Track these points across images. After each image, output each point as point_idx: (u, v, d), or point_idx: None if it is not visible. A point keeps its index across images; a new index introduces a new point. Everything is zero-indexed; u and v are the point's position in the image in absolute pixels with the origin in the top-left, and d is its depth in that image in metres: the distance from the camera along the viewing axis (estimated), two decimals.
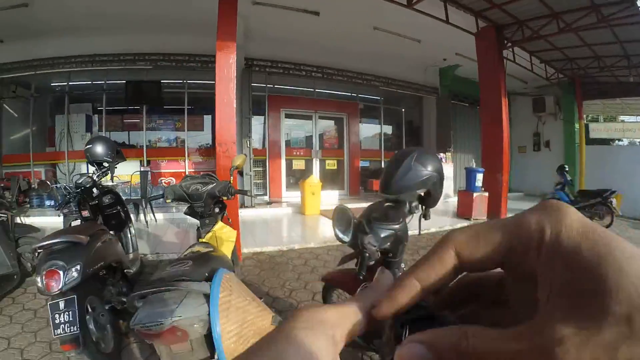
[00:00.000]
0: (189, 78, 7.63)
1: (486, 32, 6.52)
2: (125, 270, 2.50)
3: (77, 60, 7.06)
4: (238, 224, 3.82)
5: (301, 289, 3.20)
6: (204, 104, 7.47)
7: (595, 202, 6.40)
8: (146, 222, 5.78)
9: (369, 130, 9.70)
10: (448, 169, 8.59)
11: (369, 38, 7.29)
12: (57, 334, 1.63)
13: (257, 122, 8.10)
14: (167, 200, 1.94)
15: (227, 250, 1.89)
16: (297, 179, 8.36)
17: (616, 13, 5.56)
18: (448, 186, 8.70)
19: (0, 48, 6.71)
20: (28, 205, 6.33)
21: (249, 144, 7.33)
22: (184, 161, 7.59)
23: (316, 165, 8.58)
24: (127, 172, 6.54)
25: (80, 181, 2.54)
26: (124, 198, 7.22)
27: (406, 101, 10.03)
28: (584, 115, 10.61)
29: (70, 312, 1.65)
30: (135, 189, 6.69)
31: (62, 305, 1.65)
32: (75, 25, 6.42)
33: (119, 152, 2.77)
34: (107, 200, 2.82)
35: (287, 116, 8.42)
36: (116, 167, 2.86)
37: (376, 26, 6.86)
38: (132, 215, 5.64)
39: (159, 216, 5.97)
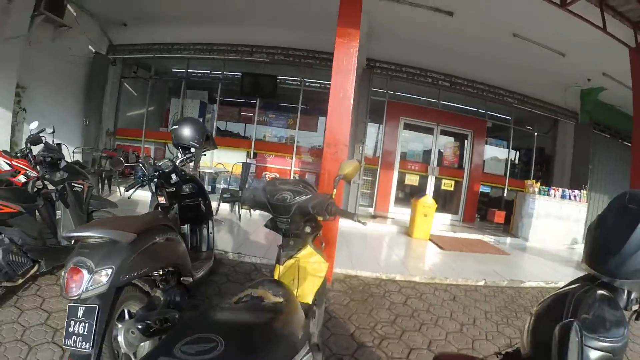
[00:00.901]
0: (305, 76, 8.07)
1: None
2: (182, 279, 2.28)
3: (195, 48, 7.90)
4: (335, 244, 3.73)
5: (395, 339, 2.79)
6: (319, 104, 7.76)
7: None
8: (239, 215, 5.96)
9: (494, 153, 9.43)
10: (581, 209, 8.07)
11: (506, 47, 7.18)
12: (67, 345, 1.43)
13: (372, 129, 8.27)
14: (244, 207, 1.66)
15: (310, 288, 1.60)
16: (407, 194, 8.29)
17: None
18: (578, 230, 8.11)
19: (124, 30, 8.00)
20: (133, 178, 6.83)
21: (362, 150, 7.43)
22: (292, 159, 7.93)
23: (431, 183, 8.49)
24: (232, 161, 7.01)
25: (160, 164, 2.47)
26: (223, 187, 7.69)
27: (539, 124, 9.71)
28: None
29: (87, 325, 1.42)
30: (237, 179, 7.21)
31: (80, 312, 1.44)
32: (195, 14, 7.28)
33: (209, 138, 2.72)
34: (186, 190, 2.77)
35: (406, 126, 8.48)
36: (204, 155, 2.87)
37: (516, 33, 6.72)
38: (228, 206, 5.93)
39: (255, 211, 6.09)
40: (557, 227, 7.86)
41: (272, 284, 1.34)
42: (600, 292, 0.97)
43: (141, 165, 2.61)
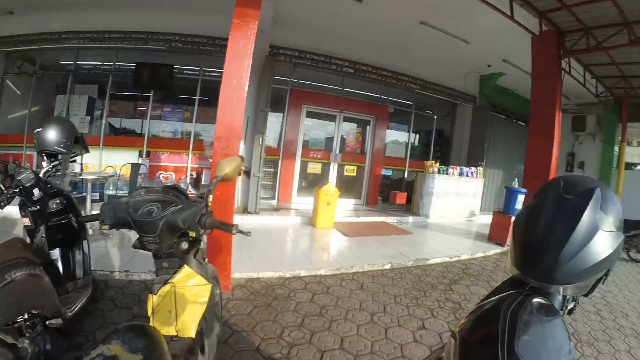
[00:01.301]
0: (205, 64, 7.86)
1: (547, 36, 6.73)
2: (48, 322, 1.88)
3: (85, 37, 7.40)
4: (230, 247, 3.58)
5: (305, 344, 2.71)
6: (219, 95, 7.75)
7: (637, 234, 6.77)
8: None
9: (395, 137, 10.13)
10: (478, 185, 9.20)
11: (413, 34, 7.56)
12: None
13: (273, 118, 8.44)
14: (104, 228, 1.34)
15: (191, 318, 1.34)
16: (310, 183, 8.80)
17: None
18: (475, 204, 9.21)
19: (10, 20, 7.24)
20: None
21: (262, 142, 7.53)
22: (188, 155, 7.82)
23: (334, 170, 9.02)
24: (122, 162, 6.92)
25: (19, 177, 2.16)
26: (110, 192, 7.17)
27: (439, 108, 10.51)
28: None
29: None
30: (127, 183, 7.02)
31: None
32: None
33: (79, 141, 2.45)
34: (53, 206, 2.39)
35: (309, 114, 8.78)
36: (74, 161, 2.64)
37: (424, 21, 7.06)
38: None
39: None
40: (456, 203, 8.98)
41: (130, 333, 1.05)
42: (536, 300, 0.81)
43: None
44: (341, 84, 8.85)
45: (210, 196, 1.50)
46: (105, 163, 7.25)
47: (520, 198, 6.81)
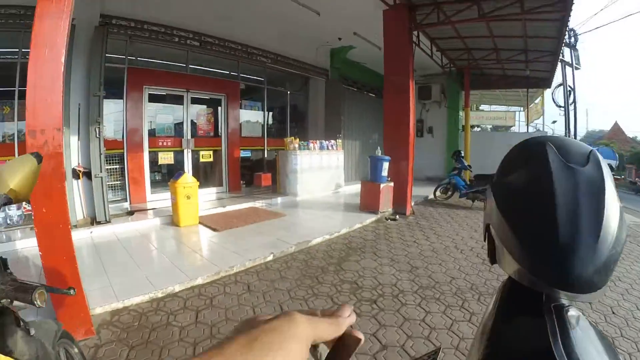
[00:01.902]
0: (26, 45, 7.18)
1: (400, 9, 8.61)
2: None
3: None
4: (79, 281, 3.33)
5: None
6: None
7: None
8: None
9: (250, 115, 11.66)
10: (339, 157, 11.42)
11: (262, 3, 8.77)
12: None
13: (111, 105, 8.74)
14: None
15: None
16: (164, 175, 9.63)
17: (540, 7, 7.84)
18: (339, 175, 11.52)
19: None
20: None
21: (99, 133, 7.54)
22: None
23: (188, 158, 9.89)
24: None
25: None
26: None
27: (292, 83, 12.50)
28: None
29: None
30: None
31: None
32: None
33: None
34: None
35: (152, 97, 9.36)
36: None
37: None
38: None
39: None
40: (321, 178, 10.86)
41: None
42: (571, 314, 0.70)
43: None
44: (186, 59, 9.67)
45: None
46: None
47: (385, 165, 8.57)
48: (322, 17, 9.52)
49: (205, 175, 10.19)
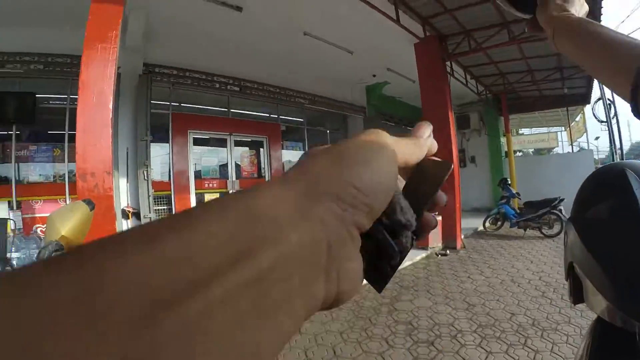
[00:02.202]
0: (74, 91, 7.55)
1: (430, 41, 8.64)
2: None
3: None
4: None
5: None
6: None
7: (544, 212, 9.35)
8: None
9: (291, 156, 11.75)
10: None
11: (296, 46, 9.00)
12: None
13: (157, 149, 9.07)
14: None
15: None
16: None
17: None
18: None
19: None
20: None
21: (147, 176, 7.91)
22: (65, 201, 7.88)
23: None
24: None
25: None
26: None
27: (331, 122, 12.62)
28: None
29: None
30: None
31: None
32: None
33: None
34: None
35: (197, 140, 9.69)
36: None
37: (307, 32, 8.43)
38: None
39: None
40: None
41: None
42: None
43: None
44: (227, 104, 10.04)
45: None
46: None
47: None
48: (355, 56, 9.68)
49: None
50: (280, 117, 11.07)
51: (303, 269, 0.24)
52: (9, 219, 7.04)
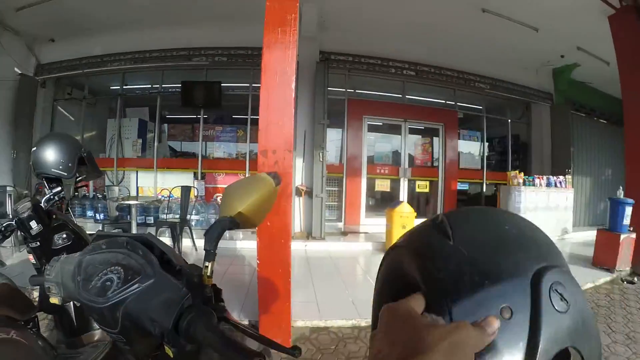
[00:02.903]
0: (255, 80, 8.93)
1: (627, 12, 7.08)
2: None
3: (127, 58, 9.00)
4: (289, 295, 3.42)
5: None
6: None
7: None
8: (195, 247, 6.89)
9: (468, 146, 11.08)
10: (568, 196, 9.73)
11: (475, 24, 8.41)
12: None
13: (332, 133, 9.44)
14: (53, 301, 0.94)
15: None
16: (379, 201, 9.66)
17: None
18: (567, 219, 9.79)
19: (52, 47, 9.14)
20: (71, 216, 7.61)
21: (322, 158, 8.18)
22: (245, 175, 8.81)
23: (404, 186, 9.84)
24: (174, 185, 7.68)
25: (17, 207, 2.15)
26: (161, 218, 7.81)
27: (512, 110, 11.57)
28: None
29: None
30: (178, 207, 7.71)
31: None
32: (123, 18, 8.35)
33: (84, 162, 2.36)
34: (59, 242, 2.28)
35: (371, 126, 9.80)
36: (84, 186, 2.55)
37: (486, 8, 7.86)
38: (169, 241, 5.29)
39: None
40: (546, 220, 9.17)
41: None
42: None
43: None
44: (402, 90, 9.90)
45: (209, 266, 0.84)
46: (160, 186, 8.59)
47: (628, 211, 6.70)
48: (541, 33, 8.68)
49: (419, 205, 9.83)
50: (457, 103, 10.48)
51: None
52: (193, 187, 8.32)
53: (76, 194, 7.86)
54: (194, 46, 8.86)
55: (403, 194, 9.62)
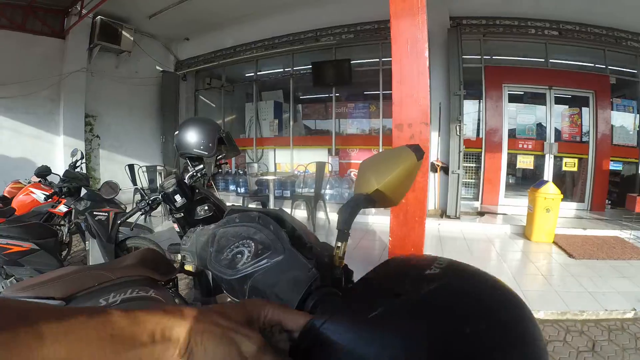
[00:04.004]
0: (384, 54, 8.78)
1: None
2: None
3: (257, 46, 9.82)
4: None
5: None
6: None
7: None
8: (328, 219, 7.14)
9: (622, 119, 9.45)
10: None
11: None
12: None
13: (469, 105, 8.99)
14: (188, 268, 1.17)
15: None
16: (520, 180, 9.08)
17: None
18: None
19: (187, 45, 10.85)
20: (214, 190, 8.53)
21: (459, 132, 7.76)
22: (379, 151, 8.46)
23: (549, 164, 8.81)
24: (309, 161, 8.04)
25: (163, 183, 2.42)
26: (296, 192, 8.16)
27: None
28: None
29: None
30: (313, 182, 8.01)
31: None
32: (250, 9, 9.01)
33: (223, 142, 2.57)
34: (201, 213, 2.56)
35: (511, 96, 9.00)
36: (225, 163, 2.88)
37: None
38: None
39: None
40: None
41: None
42: None
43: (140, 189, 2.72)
44: (545, 53, 8.84)
45: (341, 246, 0.77)
46: (297, 162, 9.32)
47: None
48: None
49: (565, 186, 8.82)
50: (609, 67, 9.04)
51: None
52: (327, 162, 8.41)
53: (219, 170, 8.43)
54: (320, 27, 9.06)
55: (548, 173, 8.69)
